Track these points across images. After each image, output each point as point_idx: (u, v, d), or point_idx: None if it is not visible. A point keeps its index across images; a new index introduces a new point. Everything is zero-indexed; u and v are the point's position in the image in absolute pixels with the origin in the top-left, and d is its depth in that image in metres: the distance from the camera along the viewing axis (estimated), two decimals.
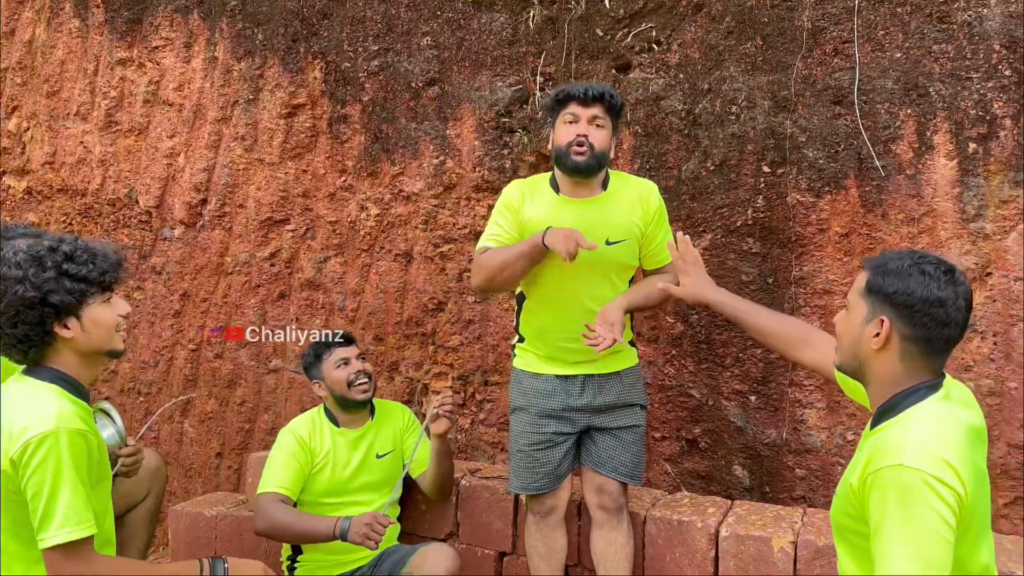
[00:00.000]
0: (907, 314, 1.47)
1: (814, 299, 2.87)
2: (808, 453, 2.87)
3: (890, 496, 1.36)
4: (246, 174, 3.76)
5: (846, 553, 1.57)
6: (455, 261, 3.39)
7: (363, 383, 2.69)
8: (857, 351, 1.55)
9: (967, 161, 2.67)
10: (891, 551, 1.34)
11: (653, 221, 2.51)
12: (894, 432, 1.44)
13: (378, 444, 2.75)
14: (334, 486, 2.67)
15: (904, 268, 1.49)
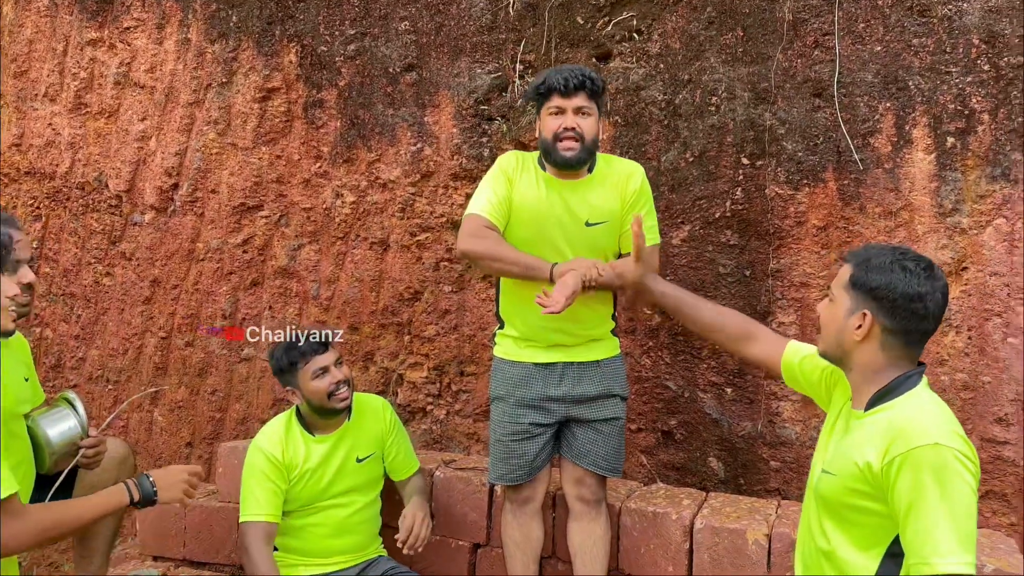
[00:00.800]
0: (888, 308, 1.56)
1: (791, 292, 2.87)
2: (783, 445, 2.87)
3: (925, 474, 1.43)
4: (219, 159, 3.69)
5: (838, 528, 1.60)
6: (432, 250, 3.35)
7: (343, 392, 2.54)
8: (841, 341, 1.64)
9: (945, 155, 2.68)
10: (935, 525, 1.40)
11: (632, 201, 2.44)
12: (912, 414, 1.52)
13: (358, 447, 2.63)
14: (314, 495, 2.56)
15: (886, 264, 1.58)
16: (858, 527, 1.55)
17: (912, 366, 1.62)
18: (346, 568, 2.59)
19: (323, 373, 2.51)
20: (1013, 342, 2.60)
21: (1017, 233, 2.61)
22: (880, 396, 1.59)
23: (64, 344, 4.02)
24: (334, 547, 2.58)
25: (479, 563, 2.82)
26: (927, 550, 1.40)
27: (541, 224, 2.40)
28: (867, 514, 1.53)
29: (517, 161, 2.47)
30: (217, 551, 3.10)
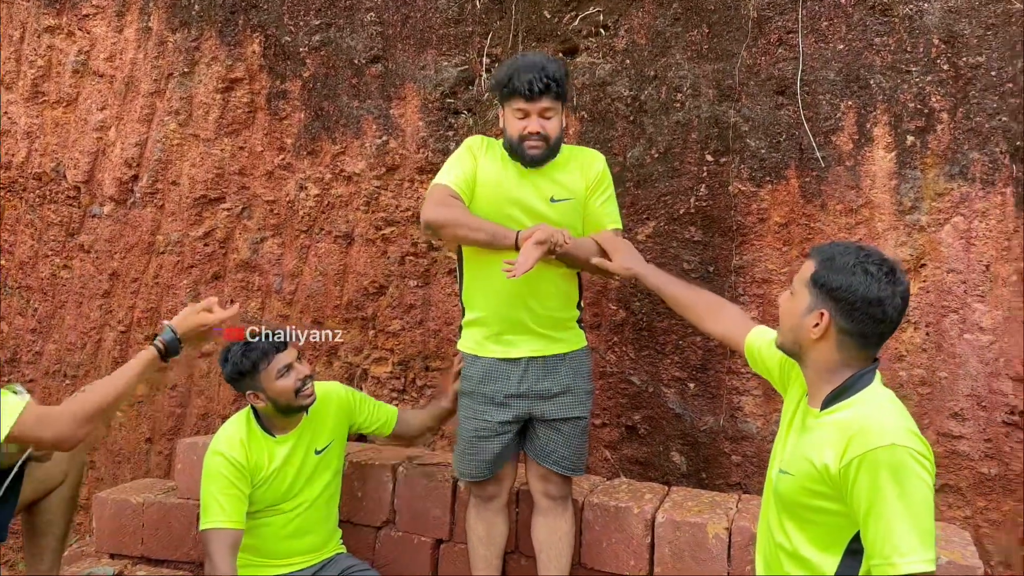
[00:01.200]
0: (847, 310, 1.55)
1: (753, 288, 2.89)
2: (744, 440, 2.89)
3: (883, 475, 1.44)
4: (180, 150, 3.63)
5: (798, 528, 1.61)
6: (397, 244, 3.32)
7: (309, 388, 2.47)
8: (797, 336, 1.64)
9: (905, 154, 2.71)
10: (894, 525, 1.42)
11: (594, 185, 2.44)
12: (868, 414, 1.53)
13: (316, 440, 2.58)
14: (277, 497, 2.51)
15: (849, 266, 1.56)
16: (817, 526, 1.56)
17: (867, 364, 1.62)
18: (304, 568, 2.54)
19: (287, 371, 2.43)
20: (969, 338, 2.64)
21: (974, 231, 2.65)
22: (835, 395, 1.59)
23: (20, 338, 3.93)
24: (293, 548, 2.53)
25: (442, 559, 2.81)
26: (888, 550, 1.42)
27: (505, 201, 2.38)
28: (826, 514, 1.54)
29: (482, 141, 2.46)
30: (176, 548, 3.05)
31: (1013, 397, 2.59)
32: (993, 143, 2.63)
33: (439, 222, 2.32)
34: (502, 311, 2.42)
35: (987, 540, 2.63)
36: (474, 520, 2.55)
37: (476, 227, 2.31)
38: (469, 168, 2.38)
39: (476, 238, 2.33)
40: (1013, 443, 2.60)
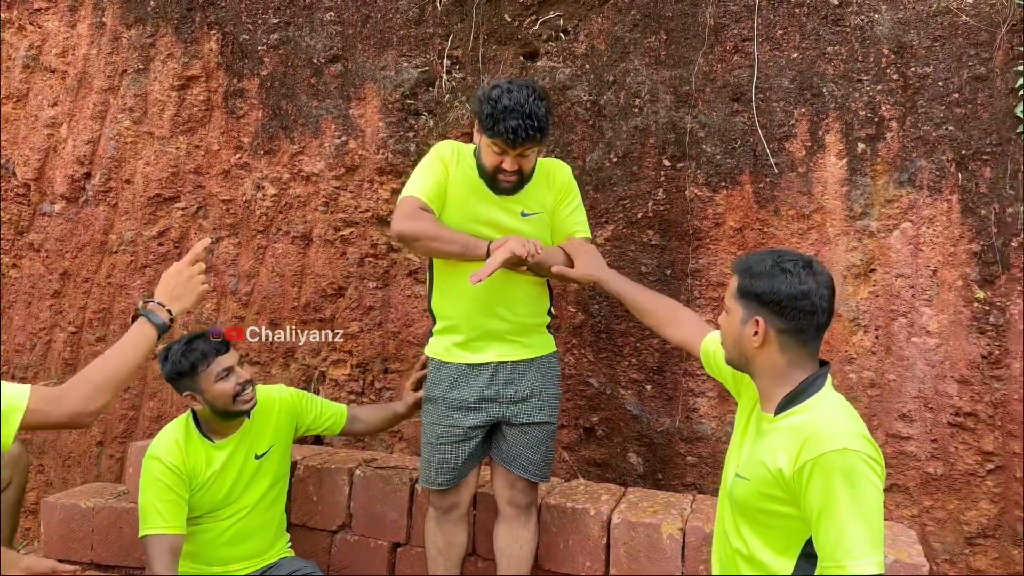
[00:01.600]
0: (777, 311, 1.60)
1: (708, 291, 2.93)
2: (699, 441, 2.93)
3: (836, 479, 1.46)
4: (134, 148, 3.56)
5: (754, 532, 1.63)
6: (356, 245, 3.30)
7: (249, 393, 2.43)
8: (741, 349, 1.67)
9: (855, 161, 2.77)
10: (846, 528, 1.44)
11: (559, 195, 2.45)
12: (820, 419, 1.55)
13: (256, 445, 2.54)
14: (216, 503, 2.47)
15: (767, 269, 1.62)
16: (773, 529, 1.59)
17: (814, 365, 1.65)
18: (247, 573, 2.51)
19: (227, 374, 2.39)
20: (917, 341, 2.71)
21: (922, 237, 2.72)
22: (789, 400, 1.61)
23: None
24: (233, 554, 2.50)
25: (399, 563, 2.80)
26: (840, 553, 1.44)
27: (474, 219, 2.36)
28: (781, 517, 1.56)
29: (453, 150, 2.42)
30: (127, 554, 2.99)
31: (958, 399, 2.67)
32: (940, 151, 2.70)
33: (410, 235, 2.30)
34: (473, 318, 2.41)
35: (933, 538, 2.71)
36: (433, 532, 2.52)
37: (448, 240, 2.30)
38: (440, 179, 2.35)
39: (448, 250, 2.32)
40: (958, 444, 2.67)
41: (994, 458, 2.64)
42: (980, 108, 2.68)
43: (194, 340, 2.42)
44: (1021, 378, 2.61)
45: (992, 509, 2.65)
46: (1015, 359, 2.62)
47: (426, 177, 2.34)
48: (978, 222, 2.66)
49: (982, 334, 2.65)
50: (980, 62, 2.68)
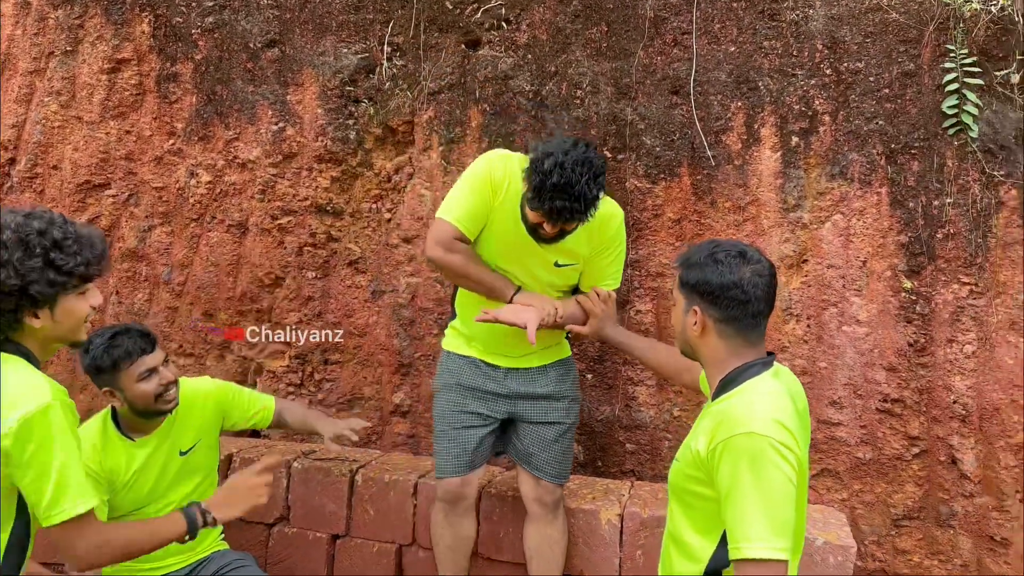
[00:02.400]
0: (711, 300, 1.63)
1: (647, 281, 2.96)
2: (638, 429, 2.97)
3: (742, 462, 1.47)
4: (62, 132, 3.44)
5: (682, 513, 1.66)
6: (295, 234, 3.24)
7: (172, 394, 2.32)
8: (686, 339, 1.71)
9: (789, 154, 2.83)
10: (746, 512, 1.45)
11: (602, 245, 2.36)
12: (738, 403, 1.57)
13: (180, 440, 2.45)
14: (139, 500, 2.39)
15: (701, 260, 1.66)
16: (697, 511, 1.61)
17: (756, 353, 1.66)
18: (179, 568, 2.44)
19: (150, 375, 2.28)
20: (847, 330, 2.79)
21: (852, 228, 2.79)
22: (723, 386, 1.64)
23: None
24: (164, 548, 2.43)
25: (338, 554, 2.77)
26: (739, 535, 1.46)
27: (510, 253, 2.32)
28: (703, 499, 1.59)
29: (505, 174, 2.26)
30: (56, 551, 2.89)
31: (886, 385, 2.75)
32: (871, 145, 2.77)
33: (441, 264, 2.30)
34: (491, 335, 2.40)
35: (861, 520, 2.79)
36: (441, 527, 2.46)
37: (475, 280, 2.31)
38: (483, 206, 2.26)
39: (475, 289, 2.34)
40: (886, 429, 2.76)
41: (919, 443, 2.74)
42: (909, 103, 2.76)
43: (119, 335, 2.29)
44: (944, 365, 2.70)
45: (917, 492, 2.75)
46: (939, 347, 2.72)
47: (469, 201, 2.26)
48: (906, 214, 2.75)
49: (909, 323, 2.73)
50: (909, 58, 2.76)
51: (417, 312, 3.17)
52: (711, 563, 1.58)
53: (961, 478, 2.70)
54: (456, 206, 2.27)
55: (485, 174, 2.27)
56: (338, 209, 3.21)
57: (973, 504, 2.68)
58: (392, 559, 2.71)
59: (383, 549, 2.72)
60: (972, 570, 2.69)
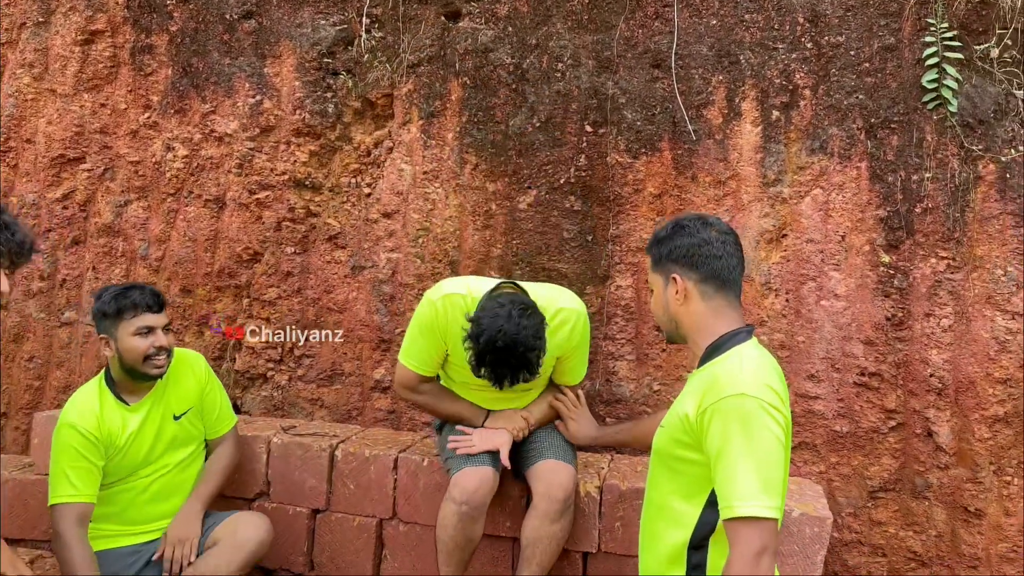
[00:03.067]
0: (687, 263, 1.70)
1: (628, 256, 2.96)
2: (618, 403, 2.98)
3: (733, 422, 1.49)
4: (35, 105, 3.38)
5: (668, 479, 1.67)
6: (273, 209, 3.21)
7: (161, 360, 2.38)
8: (670, 314, 1.74)
9: (770, 128, 2.83)
10: (738, 471, 1.47)
11: (569, 351, 2.47)
12: (726, 367, 1.60)
13: (173, 405, 2.49)
14: (135, 465, 2.41)
15: (668, 233, 1.76)
16: (683, 476, 1.62)
17: (738, 319, 1.71)
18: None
19: (147, 333, 2.35)
20: (825, 304, 2.80)
21: (831, 203, 2.79)
22: (709, 352, 1.66)
23: None
24: (155, 512, 2.45)
25: (319, 528, 2.77)
26: (730, 493, 1.47)
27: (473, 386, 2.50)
28: (689, 464, 1.60)
29: (447, 320, 2.37)
30: (33, 527, 2.88)
31: (864, 359, 2.77)
32: (851, 119, 2.77)
33: (411, 403, 2.70)
34: None
35: (838, 492, 2.82)
36: (453, 528, 2.35)
37: (445, 413, 2.57)
38: (434, 351, 2.43)
39: (446, 419, 2.59)
40: (863, 402, 2.78)
41: (896, 416, 2.76)
42: (889, 77, 2.76)
43: (132, 289, 2.38)
44: (921, 339, 2.72)
45: (893, 464, 2.78)
46: (916, 321, 2.74)
47: (420, 346, 2.43)
48: (885, 189, 2.75)
49: (887, 297, 2.75)
50: (890, 32, 2.75)
51: (397, 288, 3.15)
52: (697, 528, 1.59)
53: (936, 450, 2.73)
54: (411, 352, 2.46)
55: (430, 321, 2.40)
56: (317, 184, 3.18)
57: (948, 476, 2.72)
58: (373, 533, 2.71)
59: (364, 523, 2.72)
60: (946, 541, 2.72)
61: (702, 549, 1.59)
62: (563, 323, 2.37)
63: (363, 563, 2.71)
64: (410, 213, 3.11)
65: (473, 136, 3.03)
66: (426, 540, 2.65)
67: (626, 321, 2.98)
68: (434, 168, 3.08)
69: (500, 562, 2.63)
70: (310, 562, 2.76)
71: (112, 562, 2.38)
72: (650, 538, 1.72)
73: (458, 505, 2.32)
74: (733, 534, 1.46)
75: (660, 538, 1.66)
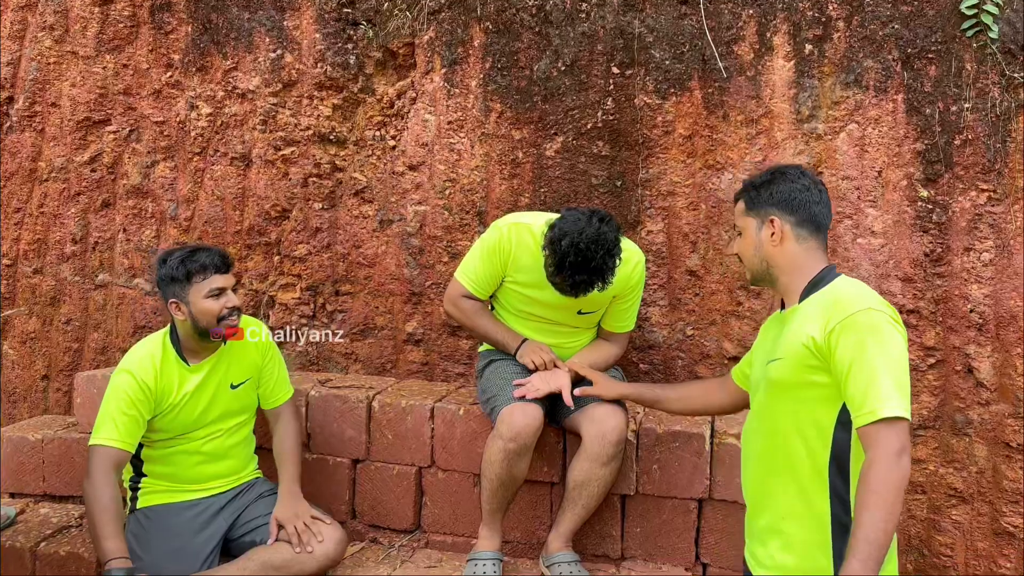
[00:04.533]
0: (786, 205, 1.79)
1: (659, 200, 2.92)
2: (651, 349, 2.97)
3: (864, 334, 1.58)
4: (58, 68, 3.37)
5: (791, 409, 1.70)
6: (299, 165, 3.20)
7: (233, 320, 2.38)
8: (762, 256, 1.83)
9: (803, 63, 2.75)
10: (875, 376, 1.54)
11: (625, 292, 2.52)
12: (842, 290, 1.70)
13: (232, 373, 2.49)
14: (187, 425, 2.44)
15: (768, 178, 1.84)
16: (810, 402, 1.67)
17: (826, 262, 1.80)
18: (221, 492, 2.51)
19: (219, 294, 2.34)
20: (862, 242, 2.75)
21: (867, 138, 2.73)
22: (812, 286, 1.75)
23: None
24: (208, 473, 2.49)
25: (359, 477, 2.81)
26: (871, 399, 1.53)
27: (533, 302, 2.54)
28: (817, 387, 1.65)
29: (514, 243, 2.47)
30: (79, 484, 2.95)
31: (902, 297, 2.73)
32: (886, 51, 2.69)
33: (451, 317, 2.69)
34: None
35: None
36: (498, 465, 2.35)
37: (482, 332, 2.61)
38: (491, 276, 2.54)
39: (483, 339, 2.67)
40: None
41: (935, 353, 2.72)
42: (925, 5, 2.66)
43: (199, 252, 2.37)
44: (961, 275, 2.67)
45: (933, 401, 2.75)
46: (956, 256, 2.68)
47: (480, 268, 2.54)
48: (922, 121, 2.68)
49: (925, 232, 2.69)
50: None
51: (426, 240, 3.14)
52: (835, 445, 1.65)
53: (977, 386, 2.69)
54: (469, 270, 2.56)
55: (495, 245, 2.50)
56: (341, 138, 3.16)
57: (989, 412, 2.69)
58: (412, 480, 2.75)
59: (403, 472, 2.75)
60: (987, 477, 2.70)
61: (842, 462, 1.64)
62: (627, 260, 2.39)
63: (404, 510, 2.75)
64: (436, 164, 3.09)
65: (497, 83, 2.99)
66: (465, 486, 2.68)
67: (657, 267, 2.95)
68: (459, 117, 3.04)
69: (539, 506, 2.66)
70: (352, 510, 2.81)
71: (170, 516, 2.43)
72: (776, 472, 1.74)
73: (506, 442, 2.32)
74: (873, 436, 1.52)
75: (793, 468, 1.70)
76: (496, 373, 2.54)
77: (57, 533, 2.72)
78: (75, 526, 2.76)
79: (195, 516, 2.44)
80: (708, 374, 2.94)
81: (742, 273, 2.85)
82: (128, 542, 2.33)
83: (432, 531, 2.75)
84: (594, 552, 2.60)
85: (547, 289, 2.40)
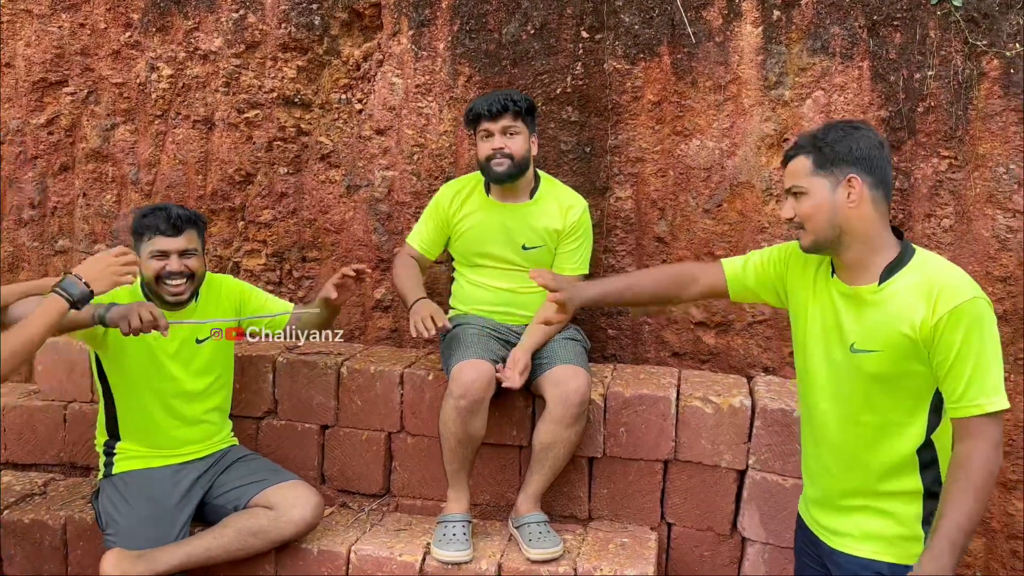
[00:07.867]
0: (867, 164, 1.65)
1: (627, 167, 2.93)
2: (619, 315, 2.99)
3: (975, 325, 1.57)
4: (11, 28, 3.26)
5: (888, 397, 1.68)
6: (263, 129, 3.14)
7: (177, 284, 2.37)
8: (835, 220, 1.66)
9: (771, 28, 2.76)
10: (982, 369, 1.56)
11: (568, 231, 2.64)
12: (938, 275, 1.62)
13: (198, 329, 2.49)
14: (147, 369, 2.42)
15: (841, 135, 1.67)
16: (906, 389, 1.66)
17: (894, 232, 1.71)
18: (198, 459, 2.50)
19: (162, 257, 2.37)
20: None
21: (833, 104, 2.75)
22: (893, 267, 1.66)
23: None
24: (182, 437, 2.48)
25: (328, 442, 2.81)
26: (975, 392, 1.56)
27: (482, 244, 2.66)
28: (914, 376, 1.64)
29: (454, 194, 2.70)
30: (43, 451, 2.92)
31: None
32: (852, 17, 2.70)
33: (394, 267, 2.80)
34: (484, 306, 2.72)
35: None
36: (453, 424, 2.38)
37: (398, 287, 2.70)
38: (436, 232, 2.74)
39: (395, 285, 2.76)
40: None
41: None
42: None
43: (157, 211, 2.40)
44: (922, 240, 2.73)
45: None
46: (917, 222, 2.73)
47: (424, 226, 2.76)
48: (887, 88, 2.71)
49: None
50: None
51: (394, 206, 3.12)
52: (926, 431, 1.67)
53: None
54: (415, 230, 2.79)
55: (434, 202, 2.75)
56: (306, 101, 3.11)
57: None
58: (382, 445, 2.76)
59: (372, 437, 2.76)
60: None
61: (931, 448, 1.67)
62: (570, 207, 2.65)
63: (373, 474, 2.77)
64: (404, 129, 3.06)
65: (466, 46, 2.95)
66: (434, 451, 2.70)
67: (626, 233, 2.97)
68: (426, 81, 3.01)
69: (508, 469, 2.69)
70: (321, 475, 2.82)
71: (146, 481, 2.41)
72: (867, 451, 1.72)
73: (456, 399, 2.36)
74: (976, 427, 1.56)
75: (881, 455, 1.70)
76: (454, 336, 2.55)
77: (20, 501, 2.69)
78: (39, 494, 2.73)
79: (171, 482, 2.43)
80: (675, 340, 2.98)
81: (708, 240, 2.88)
82: (104, 507, 2.37)
83: (401, 495, 2.77)
84: (562, 513, 2.64)
85: (491, 231, 2.63)
